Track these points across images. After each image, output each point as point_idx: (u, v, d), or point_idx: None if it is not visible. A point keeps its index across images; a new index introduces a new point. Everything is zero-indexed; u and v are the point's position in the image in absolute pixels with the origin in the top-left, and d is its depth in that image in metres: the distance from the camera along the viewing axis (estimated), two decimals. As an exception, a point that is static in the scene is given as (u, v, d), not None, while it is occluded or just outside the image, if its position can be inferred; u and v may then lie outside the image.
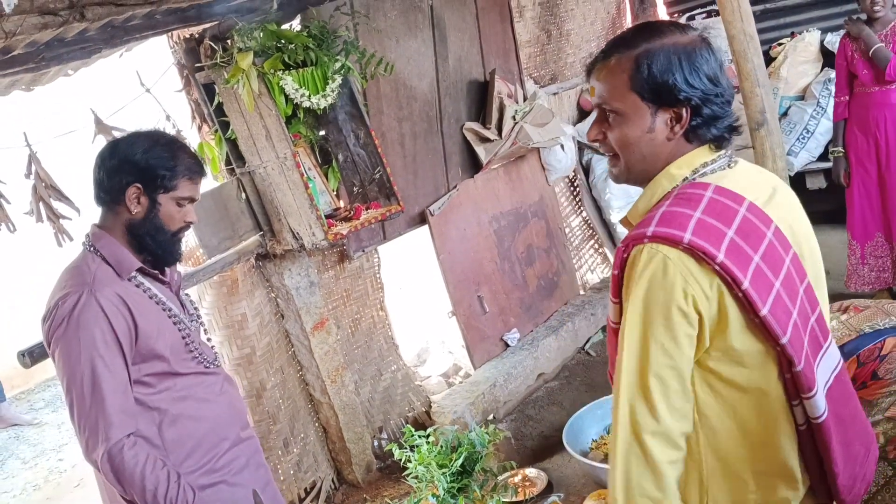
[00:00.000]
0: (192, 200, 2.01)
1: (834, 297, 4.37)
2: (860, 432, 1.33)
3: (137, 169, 1.92)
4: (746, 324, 1.21)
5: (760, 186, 1.33)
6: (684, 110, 1.29)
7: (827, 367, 1.28)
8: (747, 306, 1.19)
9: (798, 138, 5.46)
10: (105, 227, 1.97)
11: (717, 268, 1.18)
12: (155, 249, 1.97)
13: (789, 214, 1.33)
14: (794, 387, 1.22)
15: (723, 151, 1.34)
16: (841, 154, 4.38)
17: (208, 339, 2.19)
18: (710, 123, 1.31)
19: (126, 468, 1.80)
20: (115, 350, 1.84)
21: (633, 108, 1.31)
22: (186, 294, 2.19)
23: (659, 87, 1.28)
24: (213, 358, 2.13)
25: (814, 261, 1.37)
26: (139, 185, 1.92)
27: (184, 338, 2.02)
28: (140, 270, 1.98)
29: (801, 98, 5.60)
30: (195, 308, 2.19)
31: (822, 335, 1.28)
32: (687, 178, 1.31)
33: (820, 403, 1.23)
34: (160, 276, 2.04)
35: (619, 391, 1.26)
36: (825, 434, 1.24)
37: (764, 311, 1.18)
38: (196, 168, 2.01)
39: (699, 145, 1.33)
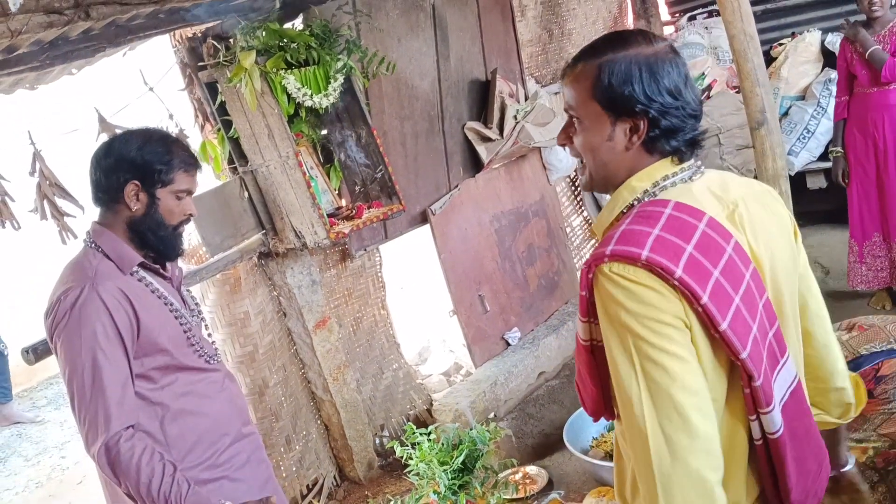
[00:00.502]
0: (189, 193, 2.02)
1: (835, 296, 4.44)
2: (814, 448, 1.34)
3: (134, 166, 1.93)
4: (708, 338, 1.22)
5: (723, 200, 1.32)
6: (642, 122, 1.29)
7: (783, 382, 1.28)
8: (707, 321, 1.20)
9: (799, 138, 5.48)
10: (106, 224, 1.99)
11: (676, 283, 1.19)
12: (157, 244, 1.99)
13: (755, 227, 1.32)
14: (753, 401, 1.23)
15: (686, 164, 1.33)
16: (840, 154, 4.40)
17: (209, 335, 2.21)
18: (668, 136, 1.30)
19: (122, 460, 1.81)
20: (117, 343, 1.85)
21: (594, 115, 1.32)
22: (187, 290, 2.21)
23: (617, 96, 1.29)
24: (214, 353, 2.15)
25: (787, 274, 1.35)
26: (137, 182, 1.94)
27: (185, 332, 2.03)
28: (141, 265, 1.99)
29: (802, 98, 5.62)
30: (196, 304, 2.21)
31: (780, 350, 1.28)
32: (648, 190, 1.31)
33: (776, 419, 1.24)
34: (161, 272, 2.06)
35: (632, 424, 1.23)
36: (781, 449, 1.25)
37: (723, 326, 1.19)
38: (191, 160, 2.03)
39: (660, 158, 1.32)
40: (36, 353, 2.68)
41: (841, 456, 1.59)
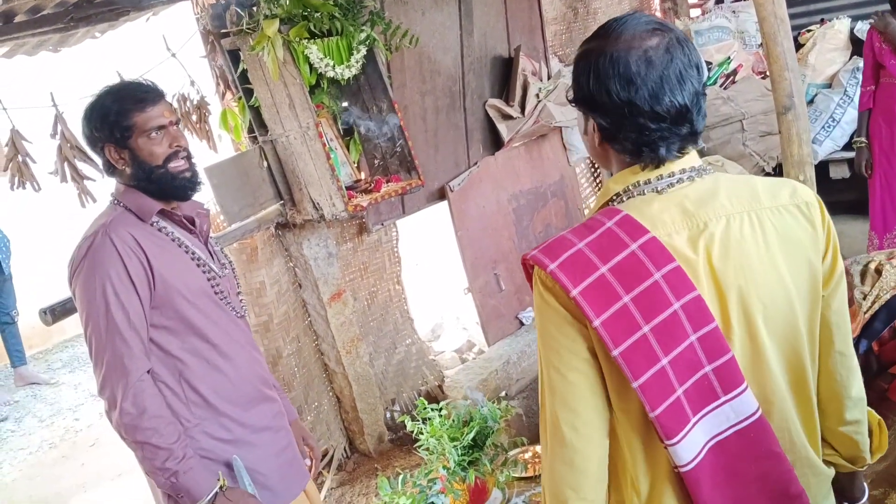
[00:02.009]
0: (161, 126, 1.95)
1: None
2: (771, 494, 1.25)
3: (100, 132, 1.94)
4: (610, 359, 1.19)
5: (693, 218, 1.23)
6: (590, 121, 1.27)
7: (722, 420, 1.21)
8: (601, 343, 1.18)
9: (823, 126, 5.41)
10: (124, 183, 2.00)
11: (570, 301, 1.18)
12: (161, 186, 1.97)
13: (729, 250, 1.22)
14: (657, 431, 1.19)
15: (663, 171, 1.25)
16: (864, 144, 4.33)
17: (238, 293, 2.18)
18: (612, 138, 1.26)
19: (148, 409, 1.83)
20: (131, 289, 1.86)
21: (579, 109, 1.31)
22: (220, 247, 2.20)
23: (576, 92, 1.28)
24: (241, 308, 2.14)
25: (778, 302, 1.24)
26: (111, 144, 1.94)
27: (209, 280, 2.02)
28: (164, 215, 2.00)
29: (829, 86, 5.54)
30: (229, 260, 2.19)
31: (724, 386, 1.20)
32: (620, 194, 1.28)
33: (683, 454, 1.19)
34: (188, 225, 2.05)
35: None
36: (693, 484, 1.21)
37: (615, 352, 1.16)
38: (141, 95, 1.95)
39: (634, 161, 1.27)
40: (53, 313, 2.69)
41: (855, 490, 1.50)
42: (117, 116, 1.92)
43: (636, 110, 1.21)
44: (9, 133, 3.01)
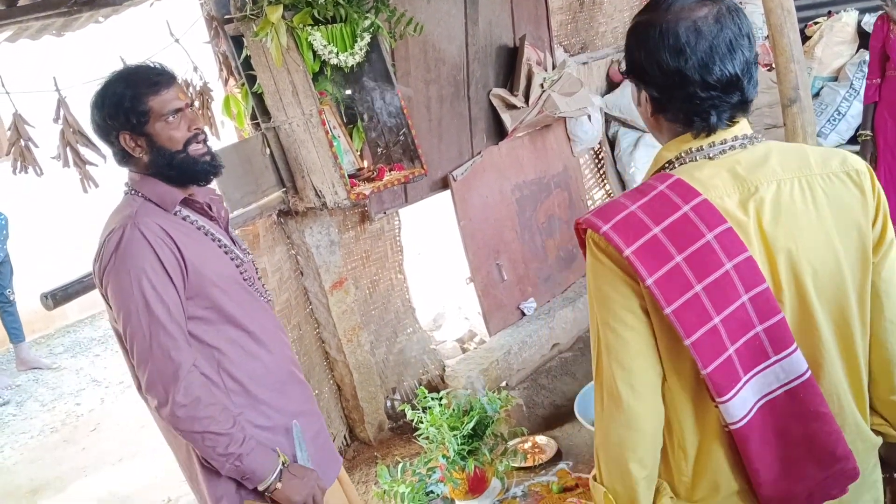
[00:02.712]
0: (177, 109, 1.90)
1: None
2: (819, 454, 1.27)
3: (113, 119, 1.87)
4: (663, 317, 1.22)
5: (745, 182, 1.26)
6: (645, 88, 1.32)
7: (772, 379, 1.25)
8: (654, 302, 1.22)
9: (829, 120, 5.39)
10: (139, 171, 1.96)
11: (624, 260, 1.22)
12: (182, 171, 1.92)
13: (781, 214, 1.25)
14: (708, 388, 1.23)
15: (715, 138, 1.29)
16: (869, 137, 4.31)
17: (259, 279, 2.16)
18: (663, 108, 1.31)
19: (202, 398, 1.81)
20: (166, 280, 1.82)
21: (632, 80, 1.36)
22: (235, 230, 2.18)
23: (629, 63, 1.32)
24: (266, 293, 2.13)
25: (828, 266, 1.26)
26: (126, 132, 1.88)
27: (237, 266, 2.00)
28: (185, 203, 1.96)
29: (835, 79, 5.52)
30: (246, 246, 2.17)
31: (775, 347, 1.23)
32: (671, 161, 1.32)
33: (734, 411, 1.22)
34: (208, 212, 2.02)
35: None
36: (743, 442, 1.25)
37: (667, 310, 1.20)
38: (156, 79, 1.90)
39: (686, 130, 1.31)
40: (55, 298, 2.70)
41: None
42: (132, 102, 1.86)
43: (686, 80, 1.25)
44: (11, 117, 3.01)
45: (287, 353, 2.14)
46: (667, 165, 1.33)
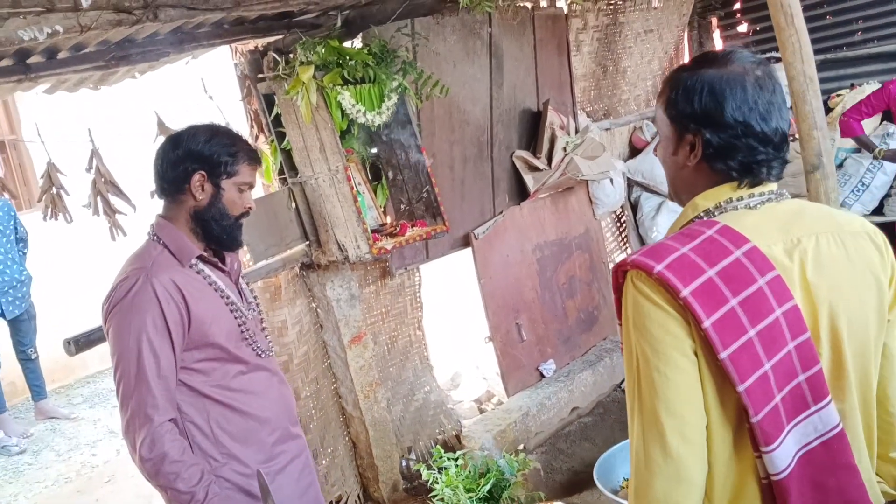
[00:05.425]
0: (250, 186, 2.08)
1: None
2: (847, 503, 1.27)
3: (201, 157, 1.99)
4: (715, 365, 1.21)
5: (788, 232, 1.29)
6: (698, 140, 1.33)
7: (811, 430, 1.24)
8: (708, 346, 1.20)
9: (853, 190, 5.38)
10: (169, 217, 2.03)
11: (680, 302, 1.20)
12: (220, 234, 2.03)
13: (822, 265, 1.27)
14: (753, 438, 1.21)
15: (756, 190, 1.33)
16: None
17: (263, 329, 2.22)
18: (724, 158, 1.32)
19: (168, 454, 1.85)
20: (164, 336, 1.89)
21: (666, 130, 1.39)
22: (246, 283, 2.24)
23: (680, 112, 1.34)
24: (268, 348, 2.17)
25: (860, 321, 1.29)
26: (203, 173, 1.99)
27: (239, 325, 2.06)
28: (200, 258, 2.03)
29: (858, 150, 5.52)
30: (254, 297, 2.23)
31: (814, 395, 1.23)
32: (710, 210, 1.33)
33: (778, 462, 1.21)
34: (220, 266, 2.09)
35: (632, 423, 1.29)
36: (783, 493, 1.23)
37: (723, 355, 1.18)
38: (254, 155, 2.09)
39: (726, 180, 1.33)
40: (77, 344, 2.72)
41: None
42: (230, 156, 2.01)
43: (750, 131, 1.30)
44: (45, 165, 3.10)
45: (283, 407, 2.17)
46: (703, 214, 1.34)
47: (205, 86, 3.44)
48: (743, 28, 6.32)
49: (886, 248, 1.36)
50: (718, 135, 1.31)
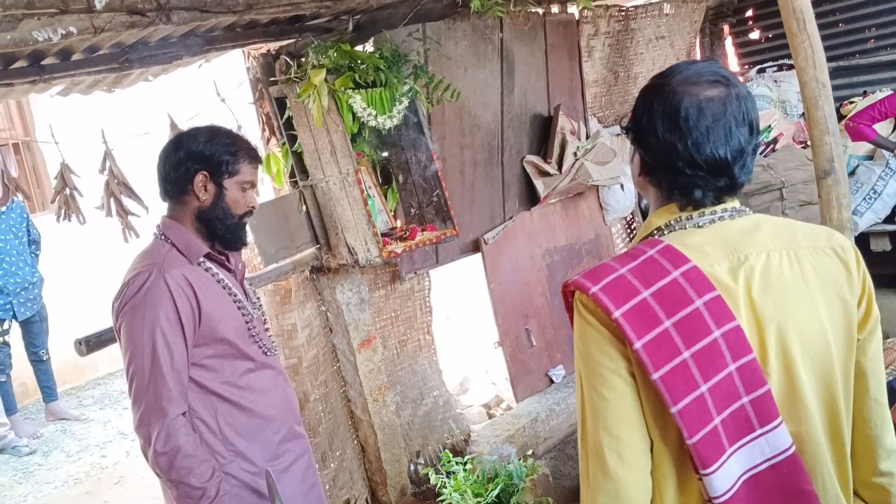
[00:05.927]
0: (252, 185, 2.10)
1: None
2: None
3: (203, 158, 2.01)
4: (649, 383, 1.19)
5: (734, 251, 1.25)
6: (636, 156, 1.34)
7: (757, 453, 1.21)
8: (641, 366, 1.19)
9: (865, 198, 5.34)
10: (174, 218, 2.06)
11: (612, 323, 1.19)
12: (224, 233, 2.06)
13: (770, 285, 1.24)
14: (692, 460, 1.18)
15: (706, 209, 1.29)
16: None
17: (266, 329, 2.24)
18: (653, 175, 1.32)
19: (183, 448, 1.86)
20: (178, 329, 1.91)
21: (627, 137, 1.39)
22: (249, 284, 2.26)
23: (628, 126, 1.35)
24: (272, 347, 2.19)
25: (815, 340, 1.24)
26: (205, 173, 2.02)
27: (247, 322, 2.08)
28: (208, 256, 2.06)
29: (870, 158, 5.49)
30: (257, 297, 2.26)
31: (761, 419, 1.20)
32: (661, 228, 1.31)
33: (718, 485, 1.17)
34: (226, 264, 2.12)
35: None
36: None
37: (654, 376, 1.16)
38: (254, 153, 2.12)
39: (669, 201, 1.32)
40: (88, 344, 2.74)
41: None
42: (231, 155, 2.03)
43: (676, 154, 1.26)
44: (59, 167, 3.12)
45: (288, 405, 2.19)
46: (655, 232, 1.32)
47: (217, 89, 3.46)
48: (755, 35, 6.31)
49: (858, 265, 1.30)
50: (647, 153, 1.31)
